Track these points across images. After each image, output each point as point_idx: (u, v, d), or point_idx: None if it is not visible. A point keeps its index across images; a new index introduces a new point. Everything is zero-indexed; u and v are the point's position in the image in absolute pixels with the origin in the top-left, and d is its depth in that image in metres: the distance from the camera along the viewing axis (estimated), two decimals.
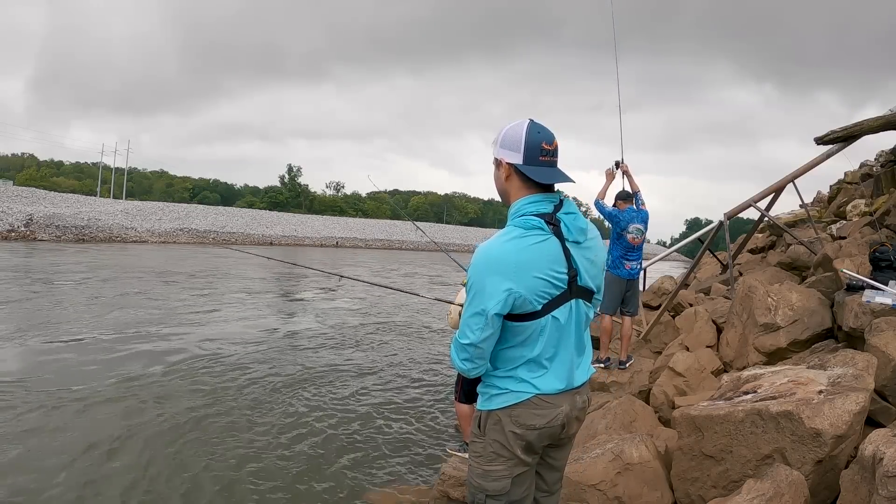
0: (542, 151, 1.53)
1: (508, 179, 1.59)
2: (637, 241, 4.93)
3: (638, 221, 4.94)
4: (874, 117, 5.51)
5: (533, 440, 1.58)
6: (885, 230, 5.44)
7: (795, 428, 2.11)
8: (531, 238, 1.51)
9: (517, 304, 1.48)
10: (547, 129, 1.56)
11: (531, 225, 1.52)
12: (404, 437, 4.31)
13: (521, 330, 1.53)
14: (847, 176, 11.08)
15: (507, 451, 1.58)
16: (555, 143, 1.56)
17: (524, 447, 1.59)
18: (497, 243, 1.52)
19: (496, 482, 1.60)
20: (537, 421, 1.56)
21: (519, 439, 1.57)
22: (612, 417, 3.49)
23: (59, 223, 28.57)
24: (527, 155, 1.53)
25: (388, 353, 7.16)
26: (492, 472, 1.60)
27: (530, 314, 1.51)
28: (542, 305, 1.51)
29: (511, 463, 1.59)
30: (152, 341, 6.89)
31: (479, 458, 1.63)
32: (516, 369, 1.56)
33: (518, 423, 1.56)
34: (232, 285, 13.31)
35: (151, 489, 3.28)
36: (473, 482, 1.64)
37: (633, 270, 4.99)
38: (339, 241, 46.62)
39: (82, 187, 69.98)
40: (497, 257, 1.49)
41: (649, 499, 2.53)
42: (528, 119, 1.57)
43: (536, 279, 1.49)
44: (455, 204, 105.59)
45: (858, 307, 3.29)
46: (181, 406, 4.65)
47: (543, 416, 1.56)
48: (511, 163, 1.56)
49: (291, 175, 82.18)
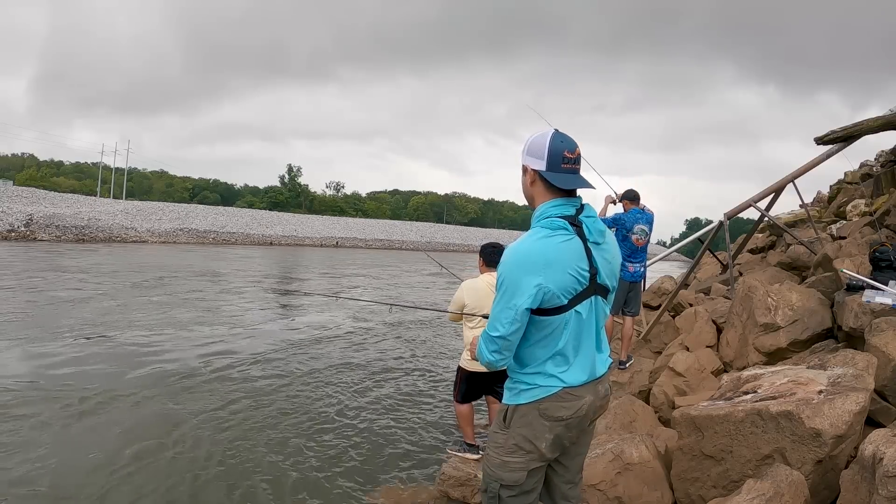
0: (565, 159, 1.63)
1: (534, 185, 1.70)
2: (641, 243, 4.93)
3: (643, 222, 4.93)
4: (874, 117, 5.51)
5: (561, 432, 1.67)
6: (885, 230, 5.44)
7: (795, 428, 2.11)
8: (558, 237, 1.61)
9: (546, 298, 1.57)
10: (570, 139, 1.66)
11: (557, 226, 1.62)
12: (404, 437, 4.31)
13: (548, 324, 1.62)
14: (847, 176, 11.07)
15: (529, 444, 1.68)
16: (577, 152, 1.66)
17: (552, 441, 1.67)
18: (527, 243, 1.62)
19: (512, 473, 1.70)
20: (564, 412, 1.65)
21: (548, 431, 1.66)
22: (612, 417, 3.50)
23: (59, 223, 28.57)
24: (550, 162, 1.63)
25: (388, 353, 7.15)
26: (510, 464, 1.70)
27: (557, 308, 1.60)
28: (569, 300, 1.60)
29: (530, 457, 1.69)
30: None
31: (499, 448, 1.72)
32: (544, 364, 1.65)
33: (546, 416, 1.66)
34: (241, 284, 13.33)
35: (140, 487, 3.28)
36: (490, 471, 1.74)
37: (637, 273, 4.99)
38: (339, 241, 46.61)
39: (82, 187, 70.05)
40: (527, 255, 1.58)
41: (649, 499, 2.53)
42: (553, 129, 1.67)
43: (565, 275, 1.59)
44: (455, 204, 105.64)
45: (858, 307, 3.29)
46: (183, 405, 4.66)
47: (570, 407, 1.66)
48: (535, 169, 1.66)
49: (291, 175, 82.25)
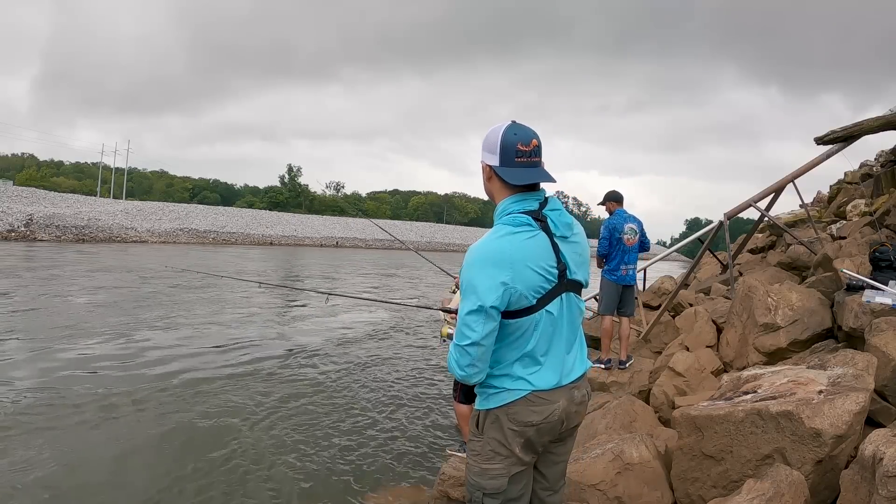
0: (518, 153, 1.54)
1: (491, 181, 1.62)
2: (632, 242, 4.93)
3: (631, 221, 4.95)
4: (874, 117, 5.51)
5: (532, 437, 1.59)
6: (885, 230, 5.44)
7: (795, 428, 2.11)
8: (522, 234, 1.53)
9: (513, 299, 1.49)
10: (526, 130, 1.56)
11: (519, 222, 1.55)
12: (404, 437, 4.31)
13: (517, 327, 1.54)
14: (847, 176, 11.07)
15: (505, 449, 1.60)
16: (533, 143, 1.55)
17: (523, 445, 1.60)
18: (489, 241, 1.54)
19: (493, 480, 1.61)
20: (534, 417, 1.57)
21: (518, 436, 1.58)
22: (612, 417, 3.49)
23: (59, 223, 28.58)
24: (503, 157, 1.55)
25: (388, 353, 7.15)
26: (489, 471, 1.61)
27: (525, 309, 1.52)
28: (537, 300, 1.52)
29: (509, 462, 1.61)
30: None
31: (477, 456, 1.65)
32: (511, 366, 1.57)
33: (515, 421, 1.57)
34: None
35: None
36: (471, 480, 1.66)
37: (630, 276, 4.99)
38: (339, 241, 46.62)
39: (82, 187, 70.04)
40: (491, 253, 1.51)
41: (649, 499, 2.53)
42: (511, 121, 1.58)
43: (531, 272, 1.51)
44: (455, 204, 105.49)
45: (858, 307, 3.29)
46: (184, 407, 4.66)
47: (540, 412, 1.57)
48: (490, 164, 1.59)
49: (291, 175, 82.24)
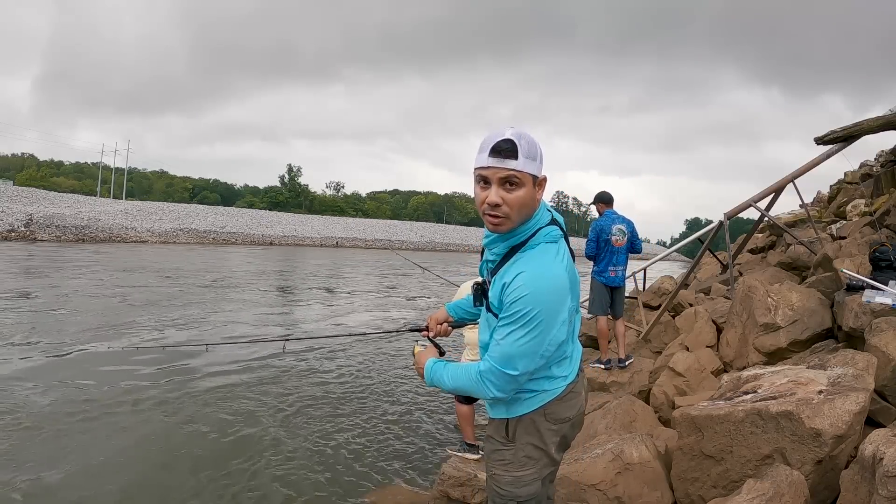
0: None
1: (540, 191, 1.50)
2: (620, 243, 4.92)
3: (620, 222, 4.95)
4: (874, 117, 5.51)
5: (567, 433, 1.62)
6: (885, 230, 5.44)
7: (795, 428, 2.11)
8: (562, 250, 1.52)
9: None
10: None
11: (554, 237, 1.51)
12: (404, 437, 4.30)
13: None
14: (847, 176, 11.06)
15: (539, 451, 1.57)
16: None
17: (558, 444, 1.60)
18: (552, 268, 1.44)
19: (528, 486, 1.56)
20: (569, 412, 1.60)
21: (555, 435, 1.58)
22: (612, 417, 3.50)
23: (59, 223, 28.58)
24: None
25: (389, 352, 7.15)
26: (523, 478, 1.56)
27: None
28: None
29: (542, 464, 1.58)
30: None
31: (507, 465, 1.57)
32: (549, 367, 1.54)
33: (553, 419, 1.57)
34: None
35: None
36: (501, 490, 1.58)
37: (618, 277, 4.99)
38: (339, 241, 46.63)
39: (82, 187, 70.08)
40: (560, 280, 1.44)
41: (649, 499, 2.53)
42: (510, 126, 1.50)
43: (575, 283, 1.54)
44: (455, 204, 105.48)
45: (858, 307, 3.29)
46: (184, 406, 4.66)
47: (572, 405, 1.61)
48: (542, 175, 1.47)
49: (291, 175, 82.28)
